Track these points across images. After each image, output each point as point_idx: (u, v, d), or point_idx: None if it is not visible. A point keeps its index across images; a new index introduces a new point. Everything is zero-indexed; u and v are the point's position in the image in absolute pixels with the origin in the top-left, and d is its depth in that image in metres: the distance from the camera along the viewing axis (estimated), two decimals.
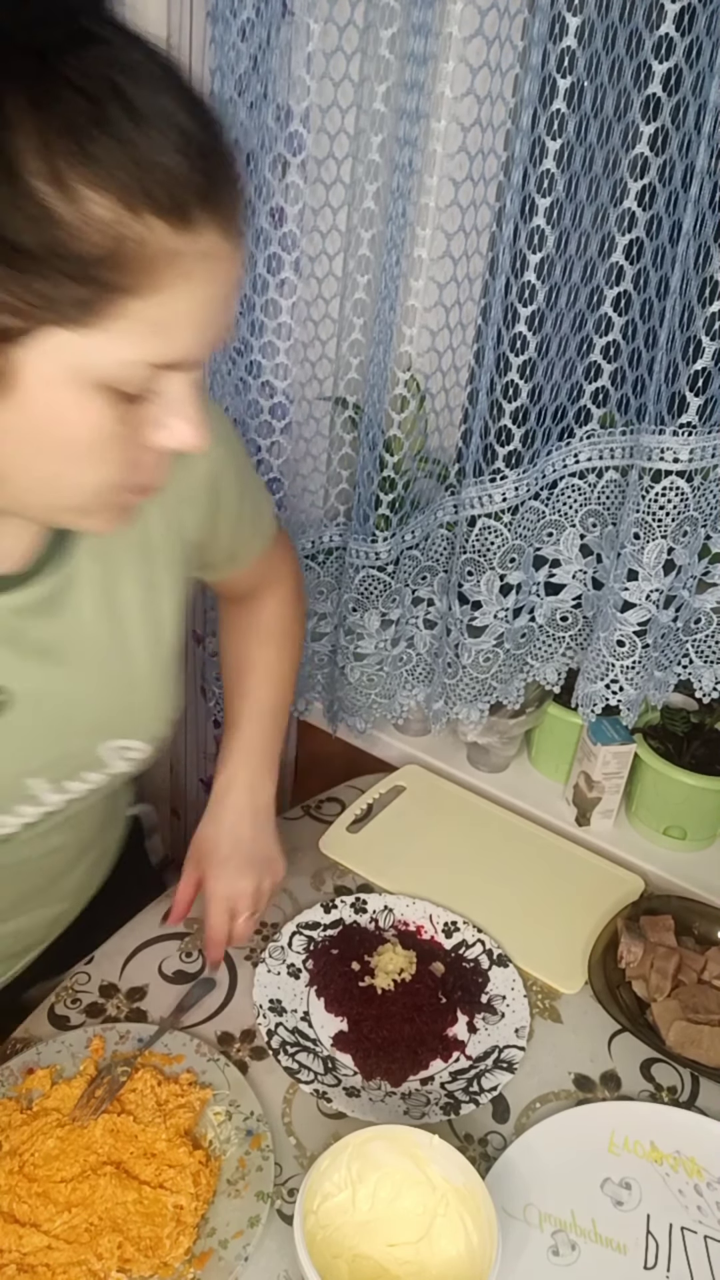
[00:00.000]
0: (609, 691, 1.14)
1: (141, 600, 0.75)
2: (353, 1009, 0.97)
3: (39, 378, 0.51)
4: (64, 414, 0.52)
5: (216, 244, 0.51)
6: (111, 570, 0.73)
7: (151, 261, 0.48)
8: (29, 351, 0.50)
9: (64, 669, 0.71)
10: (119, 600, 0.74)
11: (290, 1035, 0.94)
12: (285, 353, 1.19)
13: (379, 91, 0.99)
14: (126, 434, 0.55)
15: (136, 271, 0.48)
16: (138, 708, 0.78)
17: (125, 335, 0.50)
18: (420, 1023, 0.96)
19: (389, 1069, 0.92)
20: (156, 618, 0.77)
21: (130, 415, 0.54)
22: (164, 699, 0.80)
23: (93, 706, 0.75)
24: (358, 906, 1.10)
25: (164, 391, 0.55)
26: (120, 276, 0.48)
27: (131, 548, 0.74)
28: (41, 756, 0.73)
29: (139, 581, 0.75)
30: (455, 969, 1.03)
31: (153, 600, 0.76)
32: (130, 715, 0.78)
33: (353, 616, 1.26)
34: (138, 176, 0.47)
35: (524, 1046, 0.96)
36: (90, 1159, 0.81)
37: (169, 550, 0.77)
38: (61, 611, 0.70)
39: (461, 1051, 0.95)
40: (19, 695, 0.69)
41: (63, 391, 0.52)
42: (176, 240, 0.49)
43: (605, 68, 0.91)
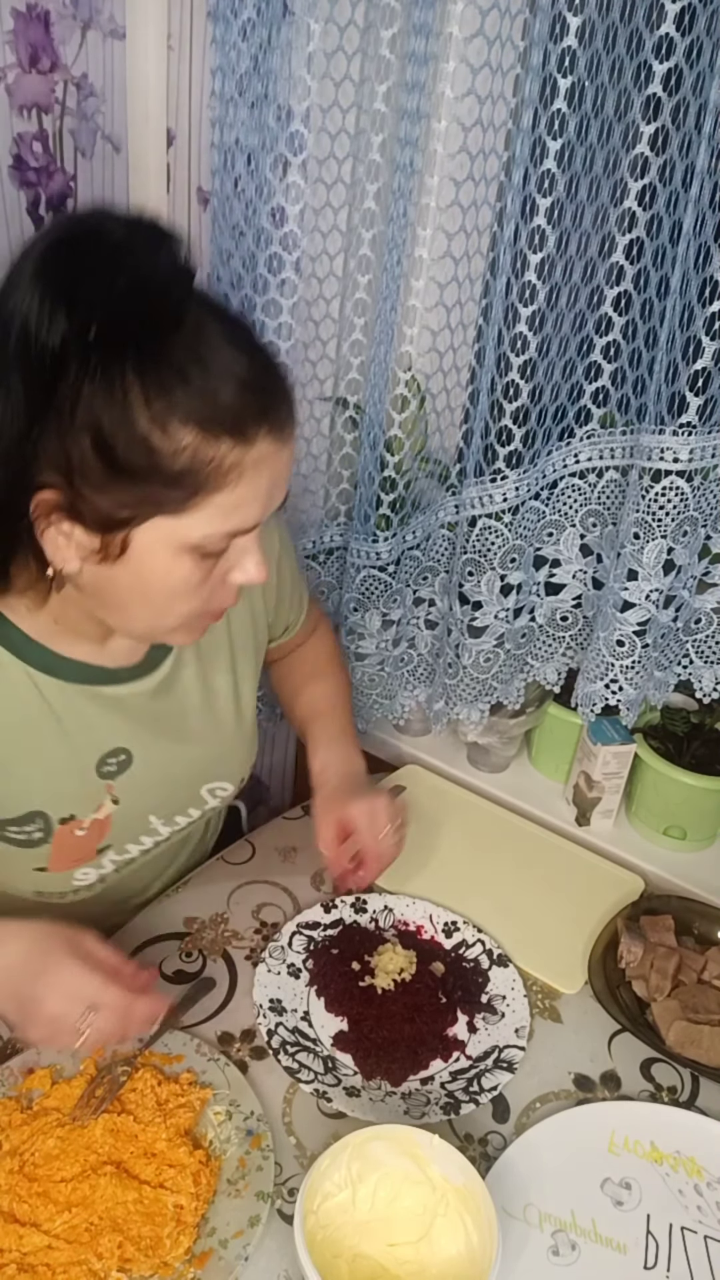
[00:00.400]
0: (609, 691, 1.14)
1: (229, 682, 0.99)
2: (353, 1009, 0.97)
3: (145, 548, 0.72)
4: (163, 571, 0.73)
5: (270, 448, 0.71)
6: (205, 662, 0.96)
7: (223, 468, 0.69)
8: (139, 532, 0.71)
9: (171, 736, 0.94)
10: (212, 685, 0.97)
11: (290, 1035, 0.94)
12: (286, 353, 1.19)
13: (380, 91, 0.99)
14: (207, 579, 0.76)
15: (213, 476, 0.69)
16: (226, 759, 1.01)
17: (207, 518, 0.71)
18: (420, 1022, 0.96)
19: (389, 1069, 0.92)
20: (239, 693, 1.01)
21: (212, 565, 0.75)
22: (245, 751, 1.04)
23: (192, 761, 0.97)
24: (358, 906, 1.10)
25: (236, 545, 0.75)
26: (202, 481, 0.69)
27: (220, 643, 0.98)
28: (156, 798, 0.95)
29: (226, 668, 0.99)
30: (455, 969, 1.03)
31: (236, 681, 1.00)
32: (221, 765, 1.01)
33: (354, 617, 1.26)
34: (209, 414, 0.67)
35: (524, 1046, 0.96)
36: (90, 1159, 0.81)
37: (246, 638, 1.01)
38: (170, 694, 0.93)
39: (461, 1051, 0.95)
40: (137, 755, 0.91)
41: (162, 556, 0.72)
42: (239, 453, 0.69)
43: (606, 68, 0.91)
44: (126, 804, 0.92)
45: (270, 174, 1.08)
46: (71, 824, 0.89)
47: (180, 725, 0.94)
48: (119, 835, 0.93)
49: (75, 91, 1.07)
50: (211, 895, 1.09)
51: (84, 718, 0.86)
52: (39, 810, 0.87)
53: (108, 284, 0.64)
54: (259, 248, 1.12)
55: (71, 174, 1.11)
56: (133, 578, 0.73)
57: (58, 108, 1.06)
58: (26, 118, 1.04)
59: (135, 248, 0.66)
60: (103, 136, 1.13)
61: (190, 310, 0.67)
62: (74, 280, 0.64)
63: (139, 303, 0.65)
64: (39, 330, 0.63)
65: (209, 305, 0.70)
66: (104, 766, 0.89)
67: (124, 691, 0.89)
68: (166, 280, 0.66)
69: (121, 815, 0.92)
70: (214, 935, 1.01)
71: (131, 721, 0.90)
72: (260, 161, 1.08)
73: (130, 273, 0.64)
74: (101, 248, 0.65)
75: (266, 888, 1.13)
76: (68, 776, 0.87)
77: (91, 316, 0.63)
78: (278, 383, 0.71)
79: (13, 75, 1.01)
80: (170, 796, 0.97)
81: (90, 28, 1.06)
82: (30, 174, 1.07)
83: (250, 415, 0.68)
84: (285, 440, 0.72)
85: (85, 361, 0.64)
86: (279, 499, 0.76)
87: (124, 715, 0.89)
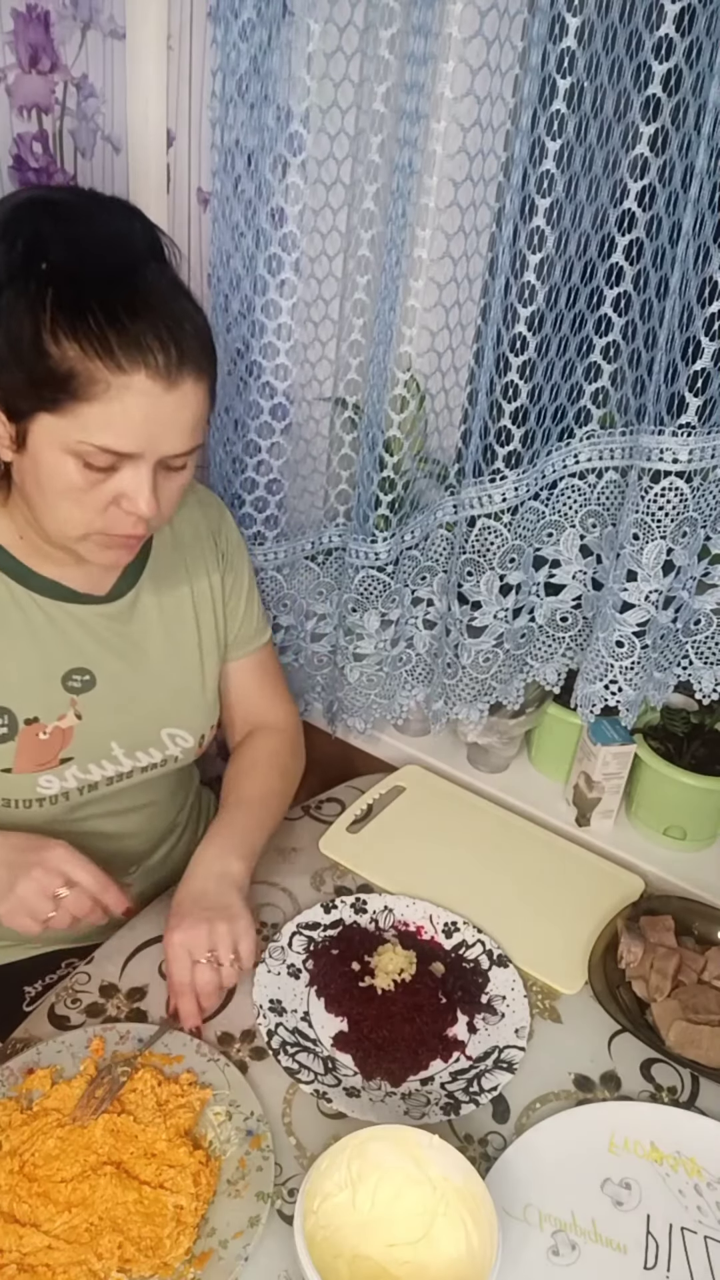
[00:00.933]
0: (608, 692, 1.14)
1: (193, 639, 1.08)
2: (353, 1009, 0.97)
3: (38, 442, 0.84)
4: (50, 467, 0.84)
5: (149, 385, 0.80)
6: (166, 610, 1.06)
7: (94, 382, 0.80)
8: (34, 426, 0.83)
9: (130, 664, 1.02)
10: (174, 633, 1.06)
11: (290, 1035, 0.94)
12: (285, 353, 1.19)
13: (379, 92, 0.99)
14: (95, 493, 0.85)
15: (85, 387, 0.80)
16: (184, 705, 1.08)
17: (80, 425, 0.81)
18: (420, 1023, 0.96)
19: (389, 1069, 0.92)
20: (200, 644, 1.09)
21: (101, 482, 0.85)
22: (206, 708, 1.10)
23: (151, 695, 1.04)
24: (358, 907, 1.10)
25: (125, 472, 0.85)
26: (76, 389, 0.80)
27: (183, 596, 1.07)
28: (117, 724, 1.02)
29: (190, 624, 1.08)
30: (455, 969, 1.03)
31: (198, 632, 1.09)
32: (179, 710, 1.07)
33: (352, 617, 1.26)
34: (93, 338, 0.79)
35: (524, 1047, 0.96)
36: (90, 1159, 0.81)
37: (207, 603, 1.10)
38: (130, 623, 1.02)
39: (461, 1052, 0.95)
40: (100, 678, 1.00)
41: (49, 452, 0.83)
42: (110, 376, 0.79)
43: (605, 68, 0.91)
44: (89, 721, 1.00)
45: (270, 175, 1.08)
46: (35, 725, 0.97)
47: (140, 657, 1.03)
48: (81, 750, 1.00)
49: (75, 92, 1.07)
50: None
51: (53, 630, 0.97)
52: (5, 706, 0.95)
53: (58, 231, 0.80)
54: (258, 248, 1.13)
55: (71, 174, 1.11)
56: (34, 471, 0.85)
57: (58, 108, 1.06)
58: (26, 118, 1.04)
59: (93, 212, 0.84)
60: (103, 136, 1.13)
61: (135, 272, 0.81)
62: (31, 224, 0.80)
63: (81, 251, 0.80)
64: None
65: (166, 277, 0.84)
66: (69, 681, 0.99)
67: (89, 613, 0.99)
68: (113, 243, 0.82)
69: (83, 731, 1.00)
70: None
71: (96, 643, 1.00)
72: (260, 162, 1.08)
73: (81, 228, 0.81)
74: (64, 205, 0.83)
75: (266, 888, 1.13)
76: (34, 680, 0.97)
77: (39, 253, 0.79)
78: (177, 339, 0.81)
79: (13, 75, 1.01)
80: (130, 726, 1.03)
81: (90, 28, 1.06)
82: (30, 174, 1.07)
83: (128, 351, 0.79)
84: (170, 386, 0.81)
85: (26, 283, 0.79)
86: (170, 444, 0.84)
87: (89, 636, 1.00)
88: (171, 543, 1.07)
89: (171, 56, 1.11)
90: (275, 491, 1.28)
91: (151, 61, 1.11)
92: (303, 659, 1.40)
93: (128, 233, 0.84)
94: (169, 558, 1.06)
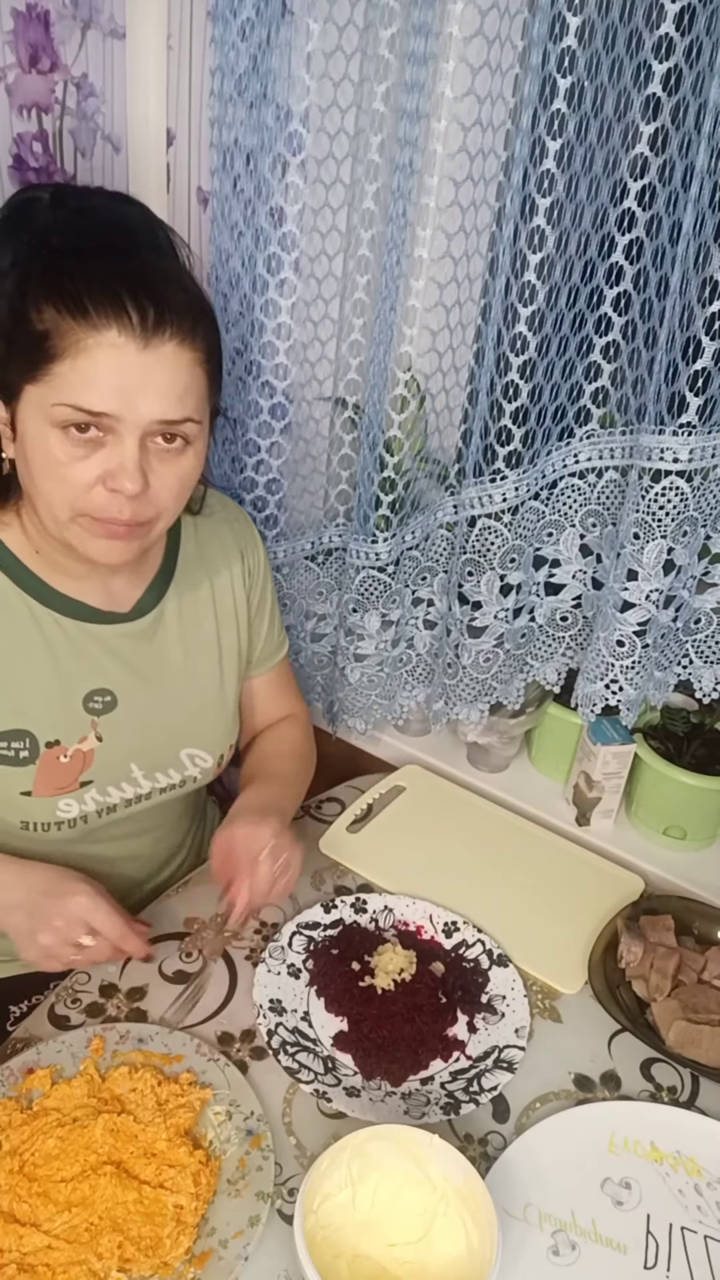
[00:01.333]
0: (609, 691, 1.14)
1: (214, 656, 1.07)
2: (353, 1009, 0.97)
3: (26, 421, 0.83)
4: (37, 444, 0.82)
5: (123, 341, 0.79)
6: (187, 627, 1.04)
7: (66, 341, 0.78)
8: (21, 406, 0.82)
9: (150, 683, 1.01)
10: (195, 651, 1.05)
11: (290, 1035, 0.94)
12: (285, 353, 1.19)
13: (379, 91, 0.99)
14: (78, 468, 0.82)
15: (58, 347, 0.79)
16: (204, 725, 1.07)
17: (55, 387, 0.80)
18: (420, 1022, 0.96)
19: (389, 1069, 0.92)
20: (223, 669, 1.08)
21: (83, 457, 0.82)
22: (225, 726, 1.09)
23: (171, 716, 1.03)
24: (358, 906, 1.10)
25: (108, 449, 0.82)
26: (51, 350, 0.79)
27: (206, 614, 1.06)
28: (137, 745, 1.01)
29: (212, 643, 1.07)
30: (455, 969, 1.03)
31: (221, 658, 1.07)
32: (199, 730, 1.06)
33: (353, 617, 1.26)
34: (67, 298, 0.78)
35: (524, 1046, 0.96)
36: (90, 1159, 0.81)
37: (231, 620, 1.08)
38: (152, 641, 1.01)
39: (462, 1051, 0.95)
40: (120, 699, 0.99)
41: (35, 427, 0.82)
42: (83, 333, 0.78)
43: (605, 68, 0.91)
44: (109, 743, 0.99)
45: (269, 174, 1.08)
46: (56, 749, 0.95)
47: (161, 676, 1.02)
48: (101, 773, 0.99)
49: (75, 91, 1.07)
50: (212, 895, 1.09)
51: (73, 651, 0.95)
52: (27, 729, 0.94)
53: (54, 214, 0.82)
54: (258, 248, 1.12)
55: (71, 174, 1.11)
56: (24, 456, 0.84)
57: (58, 108, 1.06)
58: (26, 118, 1.04)
59: (90, 197, 0.86)
60: (103, 136, 1.13)
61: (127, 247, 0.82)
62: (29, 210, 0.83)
63: (73, 229, 0.82)
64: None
65: (165, 260, 0.85)
66: (90, 702, 0.97)
67: (111, 632, 0.97)
68: (109, 223, 0.83)
69: (104, 753, 0.99)
70: (214, 935, 1.01)
71: (117, 663, 0.98)
72: (259, 161, 1.08)
73: (75, 206, 0.83)
74: (62, 190, 0.84)
75: None
76: (55, 702, 0.95)
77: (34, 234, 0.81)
78: (156, 298, 0.79)
79: (13, 75, 1.01)
80: (150, 747, 1.02)
81: (90, 28, 1.06)
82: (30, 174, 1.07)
83: (100, 307, 0.78)
84: (145, 344, 0.79)
85: (16, 262, 0.81)
86: (148, 408, 0.81)
87: (110, 657, 0.98)
88: (197, 557, 1.05)
89: (171, 56, 1.11)
90: (274, 491, 1.28)
91: (151, 61, 1.11)
92: (303, 659, 1.40)
93: (123, 218, 0.85)
94: (194, 574, 1.04)
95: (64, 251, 0.81)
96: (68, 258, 0.80)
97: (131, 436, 0.81)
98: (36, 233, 0.82)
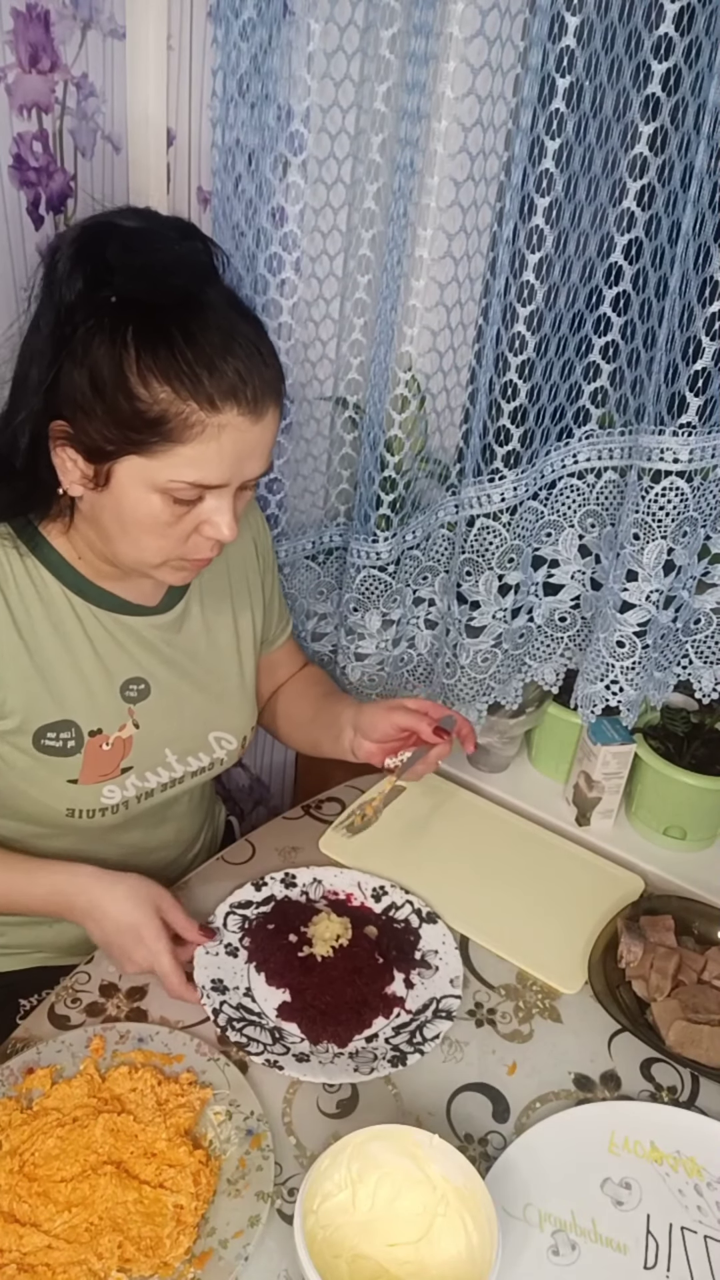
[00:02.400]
0: (609, 692, 1.14)
1: (231, 639, 1.11)
2: (294, 979, 0.99)
3: (123, 481, 0.85)
4: (134, 504, 0.85)
5: (239, 420, 0.82)
6: (209, 617, 1.08)
7: (188, 424, 0.81)
8: (119, 466, 0.84)
9: (178, 670, 1.05)
10: (216, 638, 1.09)
11: (235, 1011, 0.96)
12: (285, 353, 1.19)
13: (380, 91, 0.99)
14: (180, 524, 0.87)
15: (179, 429, 0.81)
16: (227, 708, 1.11)
17: (172, 465, 0.83)
18: (360, 984, 0.99)
19: (335, 1031, 0.95)
20: (240, 651, 1.12)
21: (185, 513, 0.87)
22: (246, 708, 1.14)
23: (200, 701, 1.07)
24: (287, 881, 1.12)
25: (209, 501, 0.87)
26: (169, 431, 0.81)
27: (224, 603, 1.10)
28: (171, 731, 1.05)
29: (229, 628, 1.11)
30: (388, 930, 1.06)
31: (238, 640, 1.12)
32: (223, 713, 1.10)
33: (353, 616, 1.26)
34: (184, 379, 0.80)
35: (459, 995, 0.99)
36: (90, 1159, 0.81)
37: (246, 606, 1.13)
38: (180, 631, 1.05)
39: (401, 1006, 0.98)
40: (154, 686, 1.03)
41: (135, 490, 0.85)
42: (204, 415, 0.81)
43: (604, 67, 0.91)
44: (145, 729, 1.03)
45: (270, 174, 1.08)
46: (99, 737, 0.99)
47: (189, 666, 1.06)
48: (139, 759, 1.03)
49: (75, 91, 1.07)
50: (211, 895, 1.09)
51: (111, 642, 0.99)
52: (72, 719, 0.97)
53: (127, 260, 0.80)
54: (259, 248, 1.12)
55: (71, 174, 1.11)
56: (115, 508, 0.86)
57: (58, 108, 1.06)
58: (26, 118, 1.04)
59: (157, 237, 0.83)
60: (103, 136, 1.13)
61: (203, 295, 0.82)
62: (99, 253, 0.80)
63: (151, 280, 0.80)
64: (62, 286, 0.81)
65: (226, 297, 0.85)
66: (127, 691, 1.01)
67: (143, 624, 1.01)
68: (179, 267, 0.82)
69: (141, 739, 1.03)
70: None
71: (149, 654, 1.02)
72: (260, 161, 1.08)
73: (148, 256, 0.81)
74: (130, 233, 0.82)
75: None
76: (97, 692, 0.99)
77: (106, 282, 0.80)
78: (258, 371, 0.83)
79: (13, 75, 1.01)
80: (182, 732, 1.06)
81: (90, 28, 1.06)
82: (30, 174, 1.07)
83: (220, 390, 0.80)
84: (257, 418, 0.83)
85: (100, 318, 0.80)
86: (253, 469, 0.87)
87: (143, 647, 1.02)
88: None
89: (171, 56, 1.11)
90: (275, 491, 1.28)
91: (151, 61, 1.11)
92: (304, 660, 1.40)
93: (190, 254, 0.84)
94: (215, 565, 1.07)
95: (152, 312, 0.80)
96: (170, 328, 0.80)
97: (230, 492, 0.87)
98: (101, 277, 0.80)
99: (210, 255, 0.86)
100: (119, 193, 1.17)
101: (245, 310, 0.87)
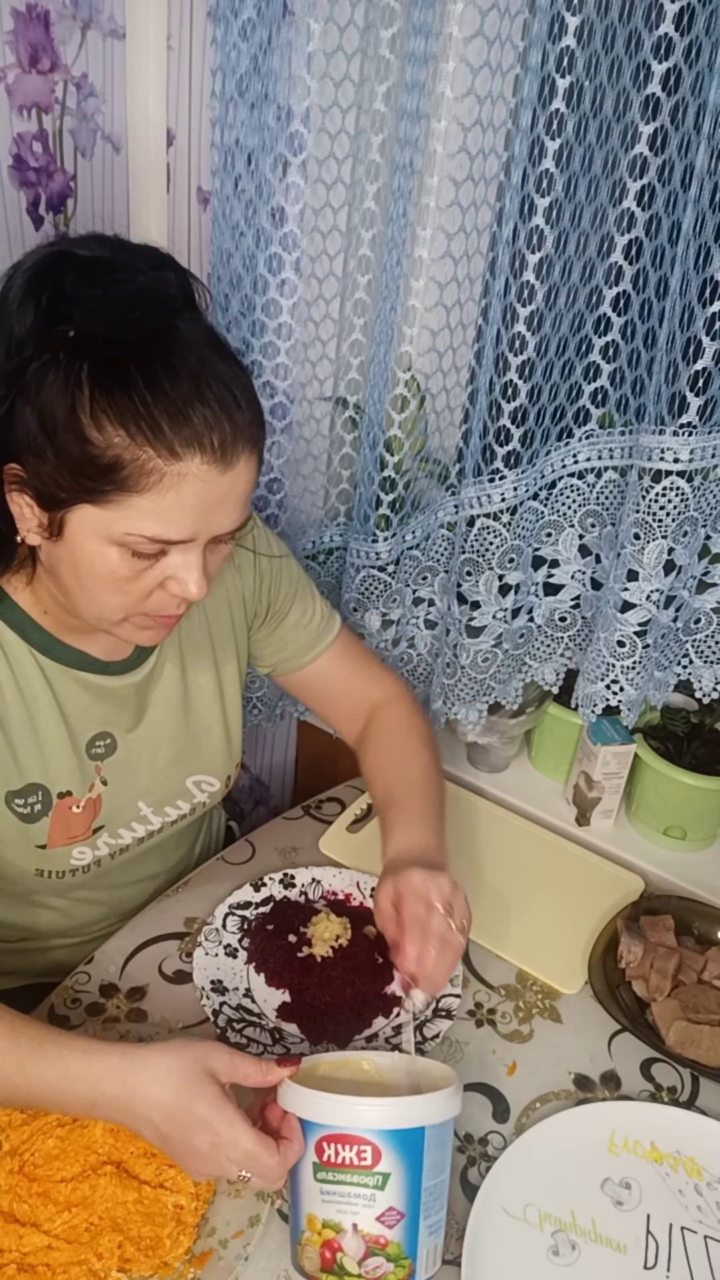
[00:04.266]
0: (609, 692, 1.14)
1: (211, 681, 1.04)
2: (293, 979, 0.99)
3: (77, 532, 0.77)
4: (91, 557, 0.78)
5: (204, 471, 0.74)
6: (187, 662, 1.01)
7: (144, 472, 0.73)
8: (73, 515, 0.76)
9: (147, 721, 0.99)
10: (194, 683, 1.03)
11: (235, 1013, 0.96)
12: (285, 353, 1.19)
13: (379, 92, 0.99)
14: (140, 580, 0.79)
15: (134, 478, 0.73)
16: (208, 755, 1.05)
17: (127, 517, 0.75)
18: (360, 984, 0.99)
19: (335, 1031, 0.95)
20: (222, 692, 1.05)
21: (146, 569, 0.79)
22: (229, 750, 1.07)
23: (174, 754, 1.02)
24: (286, 882, 1.12)
25: (172, 556, 0.79)
26: (124, 479, 0.73)
27: (203, 645, 1.03)
28: (143, 784, 1.00)
29: (209, 669, 1.04)
30: None
31: (220, 681, 1.05)
32: (203, 760, 1.05)
33: (353, 617, 1.26)
34: (141, 424, 0.72)
35: (459, 994, 0.99)
36: (90, 1159, 0.81)
37: (228, 641, 1.05)
38: (152, 689, 0.99)
39: (401, 1006, 0.98)
40: (120, 741, 0.97)
41: (91, 543, 0.77)
42: (163, 464, 0.73)
43: (604, 67, 0.91)
44: (114, 786, 0.98)
45: (270, 174, 1.08)
46: (69, 799, 0.94)
47: (163, 718, 1.01)
48: (111, 817, 0.98)
49: (75, 91, 1.07)
50: (211, 895, 1.09)
51: (77, 701, 0.93)
52: (39, 783, 0.92)
53: (86, 293, 0.72)
54: (259, 248, 1.13)
55: (71, 174, 1.11)
56: (70, 560, 0.79)
57: (58, 108, 1.06)
58: (26, 118, 1.04)
59: (122, 267, 0.74)
60: (103, 136, 1.13)
61: (172, 331, 0.74)
62: (56, 283, 0.72)
63: (112, 314, 0.72)
64: (13, 318, 0.73)
65: (203, 333, 0.77)
66: (93, 748, 0.96)
67: (112, 683, 0.95)
68: (144, 301, 0.73)
69: (111, 796, 0.98)
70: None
71: (117, 709, 0.96)
72: (260, 161, 1.08)
73: (109, 288, 0.72)
74: (91, 262, 0.74)
75: None
76: (64, 754, 0.93)
77: (66, 315, 0.72)
78: (229, 415, 0.75)
79: (13, 75, 1.01)
80: (156, 784, 1.01)
81: (90, 28, 1.06)
82: (30, 174, 1.07)
83: (182, 436, 0.73)
84: (225, 468, 0.75)
85: (55, 353, 0.72)
86: (222, 523, 0.79)
87: (110, 703, 0.96)
88: None
89: (171, 56, 1.11)
90: (275, 491, 1.28)
91: (151, 61, 1.11)
92: None
93: (159, 287, 0.74)
94: (192, 613, 1.00)
95: (111, 349, 0.72)
96: (130, 366, 0.72)
97: (198, 548, 0.79)
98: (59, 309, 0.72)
99: (186, 287, 0.76)
100: (119, 193, 1.17)
101: (224, 349, 0.78)
